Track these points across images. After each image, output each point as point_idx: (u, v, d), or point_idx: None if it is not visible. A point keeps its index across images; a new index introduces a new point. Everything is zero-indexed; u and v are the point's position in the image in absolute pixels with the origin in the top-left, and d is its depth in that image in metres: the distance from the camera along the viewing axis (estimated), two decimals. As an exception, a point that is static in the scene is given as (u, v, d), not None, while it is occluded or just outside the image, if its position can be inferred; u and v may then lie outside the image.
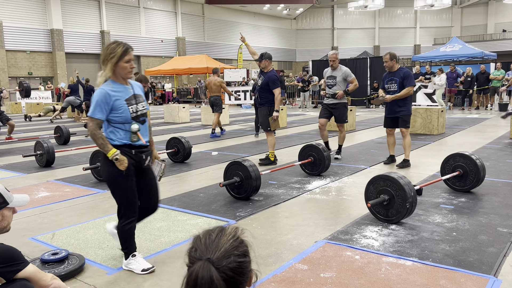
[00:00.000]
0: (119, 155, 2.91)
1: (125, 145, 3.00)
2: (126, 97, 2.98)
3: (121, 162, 2.92)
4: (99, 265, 3.24)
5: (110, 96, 2.91)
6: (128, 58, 2.96)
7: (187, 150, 7.16)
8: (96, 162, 6.00)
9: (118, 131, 2.99)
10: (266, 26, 45.17)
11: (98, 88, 2.96)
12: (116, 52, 2.92)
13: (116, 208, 3.11)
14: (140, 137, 3.03)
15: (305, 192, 5.23)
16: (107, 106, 2.91)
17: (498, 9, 42.61)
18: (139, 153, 3.06)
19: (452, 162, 5.07)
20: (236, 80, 23.60)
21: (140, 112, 3.05)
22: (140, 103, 3.07)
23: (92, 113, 2.92)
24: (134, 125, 3.00)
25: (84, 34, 31.37)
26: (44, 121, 17.26)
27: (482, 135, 9.84)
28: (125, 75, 2.99)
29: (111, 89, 2.93)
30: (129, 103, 2.98)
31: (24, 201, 2.16)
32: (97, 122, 2.93)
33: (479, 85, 17.18)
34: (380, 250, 3.37)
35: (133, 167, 3.03)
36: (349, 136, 10.38)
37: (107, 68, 2.94)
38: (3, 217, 2.06)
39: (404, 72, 6.28)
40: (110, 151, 2.91)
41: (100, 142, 2.92)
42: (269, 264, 3.18)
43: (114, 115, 2.94)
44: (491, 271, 2.95)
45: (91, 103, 2.97)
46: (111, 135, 3.00)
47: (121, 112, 2.94)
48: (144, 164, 3.11)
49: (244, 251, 1.19)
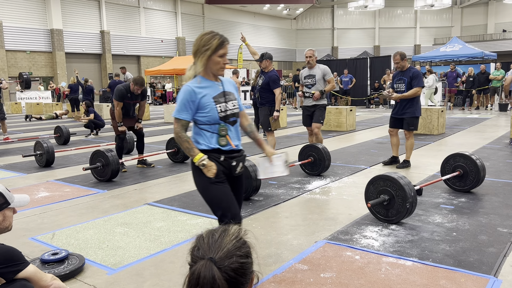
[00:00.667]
0: (206, 160, 2.56)
1: (213, 150, 2.62)
2: (214, 95, 2.62)
3: (208, 168, 2.56)
4: (99, 265, 3.24)
5: (195, 94, 2.57)
6: (223, 52, 2.60)
7: None
8: (96, 162, 6.00)
9: (205, 134, 2.63)
10: (266, 26, 45.17)
11: (184, 85, 2.64)
12: (211, 44, 2.56)
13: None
14: (229, 140, 2.65)
15: (305, 192, 5.23)
16: (193, 105, 2.57)
17: (498, 9, 42.62)
18: (229, 159, 2.66)
19: (452, 162, 5.07)
20: (236, 80, 23.60)
21: (229, 112, 2.65)
22: (231, 101, 2.68)
23: (177, 113, 2.60)
24: (224, 126, 2.63)
25: (84, 34, 31.38)
26: (45, 121, 17.26)
27: (482, 135, 9.84)
28: (217, 71, 2.64)
29: (197, 86, 2.59)
30: (217, 101, 2.61)
31: (24, 201, 2.16)
32: (182, 124, 2.59)
33: (479, 85, 17.19)
34: (380, 250, 3.37)
35: (224, 174, 2.65)
36: (349, 136, 10.38)
37: (199, 62, 2.60)
38: (4, 218, 2.07)
39: (413, 72, 6.21)
40: (196, 156, 2.57)
41: (185, 146, 2.59)
42: (269, 264, 3.18)
43: (200, 114, 2.60)
44: (491, 271, 2.95)
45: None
46: (198, 138, 2.66)
47: (208, 112, 2.58)
48: (235, 172, 2.70)
49: (247, 252, 1.19)
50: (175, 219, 4.28)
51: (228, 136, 2.65)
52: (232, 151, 2.68)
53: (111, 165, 5.82)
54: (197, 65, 2.60)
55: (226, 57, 2.63)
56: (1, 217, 2.05)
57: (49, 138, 10.01)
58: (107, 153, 5.83)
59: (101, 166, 5.94)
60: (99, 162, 5.97)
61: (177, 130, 2.60)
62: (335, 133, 10.87)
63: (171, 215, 4.43)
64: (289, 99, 23.63)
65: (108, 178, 5.89)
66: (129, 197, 5.20)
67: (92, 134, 11.50)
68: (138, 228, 4.03)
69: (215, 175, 2.58)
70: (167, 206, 4.73)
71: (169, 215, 4.41)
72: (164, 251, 3.48)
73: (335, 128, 11.48)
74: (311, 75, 6.61)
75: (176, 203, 4.84)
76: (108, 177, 5.88)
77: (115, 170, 5.87)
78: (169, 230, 3.97)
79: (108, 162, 5.84)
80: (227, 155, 2.65)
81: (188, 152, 2.60)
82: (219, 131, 2.62)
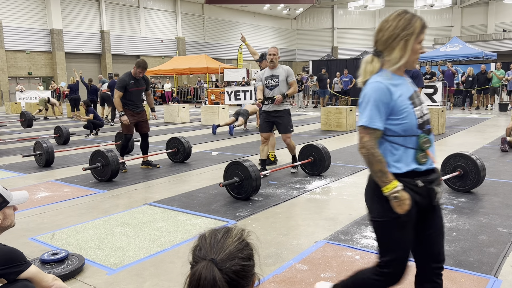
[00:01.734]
0: (400, 191, 1.89)
1: (407, 173, 1.95)
2: (408, 95, 1.98)
3: (401, 202, 1.90)
4: (99, 265, 3.23)
5: (391, 94, 1.92)
6: (423, 37, 1.96)
7: (187, 150, 7.16)
8: (95, 162, 6.00)
9: (396, 149, 1.96)
10: (266, 26, 45.19)
11: (372, 81, 1.97)
12: (413, 26, 1.92)
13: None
14: (431, 156, 2.00)
15: (305, 192, 5.23)
16: (387, 109, 1.93)
17: (498, 9, 42.64)
18: (429, 183, 1.97)
19: (452, 162, 5.07)
20: (236, 80, 23.59)
21: (426, 118, 2.01)
22: (423, 103, 2.04)
23: (369, 120, 1.92)
24: (425, 137, 1.96)
25: (84, 34, 31.39)
26: (45, 121, 17.26)
27: (482, 135, 9.84)
28: (413, 63, 1.99)
29: (390, 83, 1.94)
30: (413, 103, 1.97)
31: (23, 198, 2.16)
32: (376, 135, 1.94)
33: (479, 85, 17.19)
34: (380, 250, 3.36)
35: (416, 209, 1.96)
36: (349, 136, 10.38)
37: (397, 52, 1.94)
38: (5, 216, 2.08)
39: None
40: (388, 184, 1.90)
41: (377, 168, 1.92)
42: (269, 264, 3.18)
43: (392, 122, 1.94)
44: (491, 271, 2.95)
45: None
46: (387, 156, 1.97)
47: (404, 118, 1.93)
48: (435, 199, 2.01)
49: (249, 254, 1.18)
50: (175, 219, 4.28)
51: (429, 151, 1.98)
52: (428, 170, 2.00)
53: (111, 165, 5.82)
54: (394, 54, 1.94)
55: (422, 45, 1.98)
56: (2, 216, 2.06)
57: (48, 138, 10.00)
58: (107, 153, 5.83)
59: (101, 166, 5.93)
60: (99, 162, 5.97)
61: (369, 144, 1.92)
62: (335, 133, 10.87)
63: (171, 215, 4.43)
64: (290, 99, 23.64)
65: (108, 178, 5.88)
66: (129, 197, 5.19)
67: (92, 134, 11.49)
68: (138, 228, 4.03)
69: (405, 212, 1.92)
70: (167, 206, 4.73)
71: (169, 215, 4.41)
72: (164, 251, 3.48)
73: (335, 128, 11.48)
74: (274, 75, 5.93)
75: (176, 203, 4.84)
76: (108, 177, 5.88)
77: (115, 170, 5.87)
78: (169, 230, 3.96)
79: (108, 162, 5.83)
80: (425, 178, 1.97)
81: (380, 177, 1.92)
82: (420, 145, 1.95)
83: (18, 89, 25.75)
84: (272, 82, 5.92)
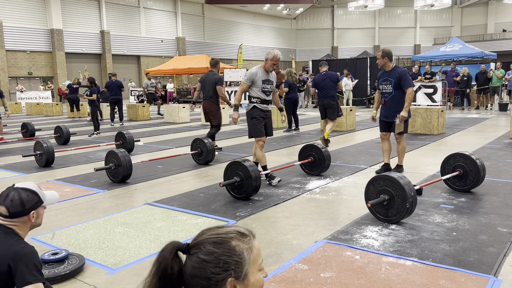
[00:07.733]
0: None
1: None
2: None
3: None
4: (99, 265, 3.24)
5: None
6: None
7: (210, 151, 6.98)
8: (109, 163, 5.93)
9: None
10: (266, 26, 45.19)
11: None
12: None
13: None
14: None
15: (305, 192, 5.23)
16: None
17: (498, 9, 42.64)
18: None
19: (452, 162, 5.07)
20: (236, 80, 23.59)
21: None
22: None
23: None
24: None
25: (84, 34, 31.40)
26: (44, 121, 17.25)
27: (482, 135, 9.84)
28: None
29: None
30: None
31: (55, 198, 2.21)
32: None
33: (479, 85, 17.18)
34: (380, 250, 3.37)
35: None
36: (349, 136, 10.38)
37: None
38: (38, 215, 2.11)
39: (399, 72, 5.69)
40: None
41: None
42: (269, 264, 3.18)
43: None
44: (491, 271, 2.95)
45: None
46: None
47: None
48: None
49: (224, 260, 1.08)
50: (175, 219, 4.29)
51: None
52: None
53: (123, 166, 5.74)
54: None
55: None
56: (36, 214, 2.09)
57: (49, 138, 10.01)
58: (119, 153, 5.76)
59: (114, 166, 5.87)
60: (111, 163, 5.90)
61: None
62: (335, 133, 10.87)
63: (171, 215, 4.43)
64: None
65: (120, 179, 5.81)
66: (129, 197, 5.20)
67: (95, 134, 11.48)
68: (138, 228, 4.03)
69: None
70: (167, 206, 4.73)
71: (169, 215, 4.42)
72: (164, 251, 3.48)
73: (335, 128, 11.46)
74: (270, 80, 5.71)
75: (176, 203, 4.84)
76: (120, 178, 5.80)
77: (126, 174, 5.81)
78: (169, 230, 3.97)
79: (120, 163, 5.78)
80: None
81: None
82: None
83: (19, 89, 25.76)
84: (269, 88, 5.75)
